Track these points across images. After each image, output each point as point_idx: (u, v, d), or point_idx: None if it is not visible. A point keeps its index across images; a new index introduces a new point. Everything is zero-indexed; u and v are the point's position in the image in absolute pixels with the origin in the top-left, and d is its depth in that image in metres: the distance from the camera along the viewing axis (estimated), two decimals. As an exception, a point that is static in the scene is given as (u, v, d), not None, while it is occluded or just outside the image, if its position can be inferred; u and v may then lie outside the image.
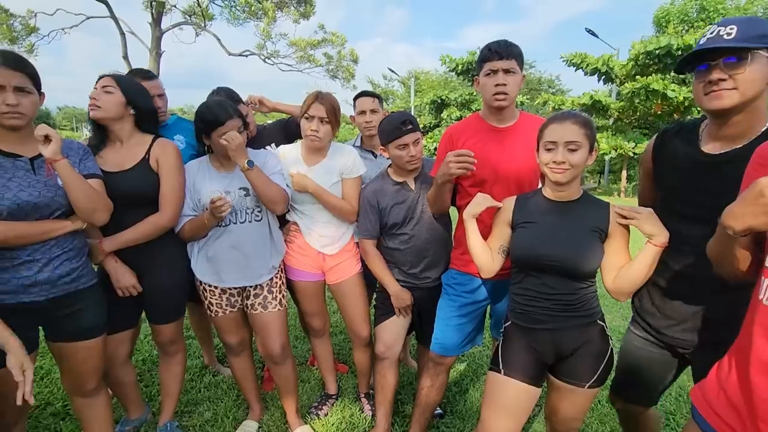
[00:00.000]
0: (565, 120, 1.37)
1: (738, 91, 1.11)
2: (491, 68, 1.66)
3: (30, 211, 1.41)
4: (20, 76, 1.38)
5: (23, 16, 16.19)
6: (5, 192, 1.36)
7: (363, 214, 1.99)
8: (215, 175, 1.87)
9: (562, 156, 1.35)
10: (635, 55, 13.29)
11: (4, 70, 1.35)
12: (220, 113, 1.75)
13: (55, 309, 1.50)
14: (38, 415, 2.19)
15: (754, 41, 1.07)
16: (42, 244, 1.44)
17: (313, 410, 2.29)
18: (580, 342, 1.42)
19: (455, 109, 17.76)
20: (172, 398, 2.08)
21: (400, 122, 1.82)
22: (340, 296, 2.17)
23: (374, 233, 1.99)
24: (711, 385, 0.97)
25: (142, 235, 1.73)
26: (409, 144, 1.83)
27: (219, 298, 1.94)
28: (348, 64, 20.36)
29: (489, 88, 1.68)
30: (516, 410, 1.46)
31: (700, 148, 1.27)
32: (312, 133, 1.93)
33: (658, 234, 1.28)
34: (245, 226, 1.87)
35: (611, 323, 3.52)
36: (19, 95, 1.38)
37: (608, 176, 18.27)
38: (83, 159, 1.58)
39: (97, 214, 1.54)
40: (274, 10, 17.88)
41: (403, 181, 1.95)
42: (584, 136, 1.35)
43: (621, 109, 14.26)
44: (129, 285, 1.75)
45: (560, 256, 1.37)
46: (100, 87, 1.71)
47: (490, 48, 1.67)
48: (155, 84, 2.17)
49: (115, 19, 16.41)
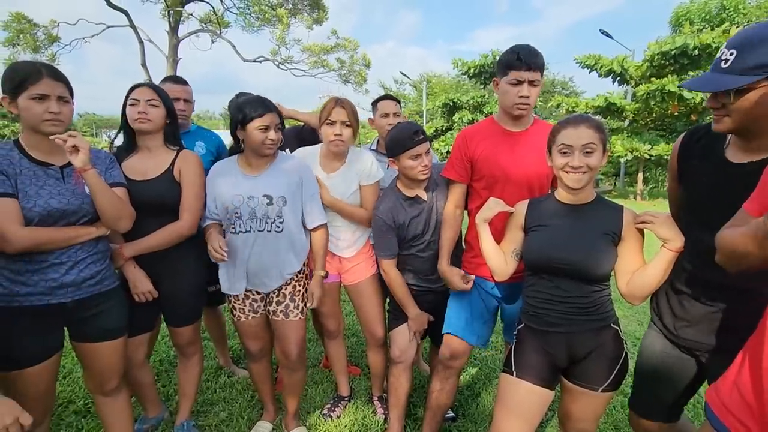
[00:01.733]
0: (580, 124, 1.38)
1: (730, 119, 1.13)
2: (517, 78, 1.64)
3: (59, 218, 1.47)
4: (62, 87, 1.46)
5: (46, 26, 16.73)
6: (37, 199, 1.43)
7: (379, 234, 1.96)
8: (241, 178, 1.84)
9: (579, 160, 1.35)
10: (650, 56, 13.07)
11: (50, 81, 1.43)
12: (259, 104, 1.77)
13: (80, 310, 1.55)
14: (61, 413, 2.26)
15: (748, 73, 1.05)
16: (68, 248, 1.50)
17: (326, 412, 2.31)
18: (594, 345, 1.42)
19: (467, 112, 17.69)
20: (189, 398, 2.13)
21: (412, 132, 1.81)
22: (355, 297, 2.19)
23: (394, 252, 1.98)
24: (725, 384, 0.98)
25: (162, 241, 1.78)
26: (422, 154, 1.83)
27: (242, 303, 1.94)
28: (360, 69, 20.52)
29: (511, 96, 1.67)
30: (528, 412, 1.46)
31: (725, 156, 1.25)
32: (336, 138, 1.95)
33: (673, 239, 1.28)
34: (264, 236, 1.82)
35: (626, 328, 3.47)
36: (61, 104, 1.46)
37: (623, 179, 17.97)
38: (109, 168, 1.64)
39: (121, 222, 1.60)
40: (288, 16, 18.14)
41: (414, 195, 1.94)
42: (599, 139, 1.36)
43: (636, 111, 14.02)
44: (146, 290, 1.80)
45: (573, 260, 1.37)
46: (145, 100, 1.76)
47: (518, 56, 1.62)
48: (185, 89, 2.31)
49: (134, 28, 16.84)
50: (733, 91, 1.08)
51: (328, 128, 1.96)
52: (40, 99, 1.41)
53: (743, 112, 1.10)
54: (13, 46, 16.46)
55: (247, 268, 1.86)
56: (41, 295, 1.46)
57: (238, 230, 1.82)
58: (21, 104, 1.41)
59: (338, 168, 2.06)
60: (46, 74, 1.43)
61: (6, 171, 1.41)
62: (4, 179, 1.39)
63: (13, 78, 1.41)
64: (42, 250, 1.44)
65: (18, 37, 16.37)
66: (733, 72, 1.08)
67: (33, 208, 1.41)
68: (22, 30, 16.31)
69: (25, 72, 1.41)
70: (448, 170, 1.89)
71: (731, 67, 1.08)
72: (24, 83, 1.40)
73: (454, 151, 1.87)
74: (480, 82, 17.54)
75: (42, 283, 1.46)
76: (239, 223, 1.80)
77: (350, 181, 2.05)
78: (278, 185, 1.83)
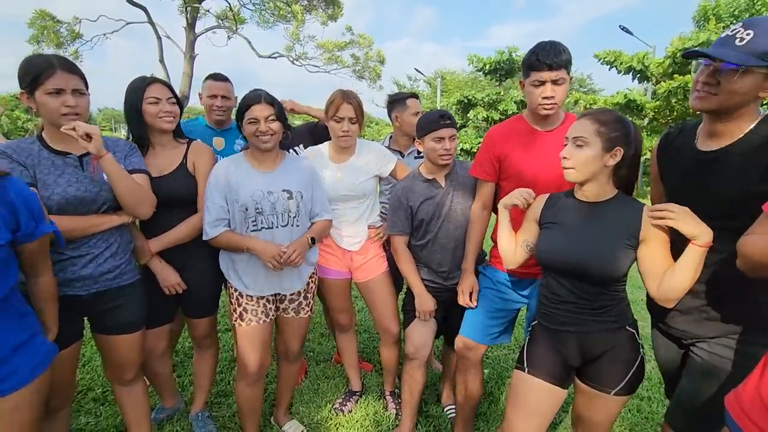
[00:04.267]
0: (584, 116, 1.35)
1: (717, 98, 1.18)
2: (539, 79, 1.61)
3: (77, 205, 1.48)
4: (77, 79, 1.47)
5: (68, 22, 17.11)
6: (55, 188, 1.45)
7: (393, 210, 2.01)
8: (255, 174, 1.79)
9: (567, 151, 1.34)
10: (672, 53, 12.72)
11: (64, 74, 1.43)
12: (251, 97, 1.74)
13: (97, 303, 1.58)
14: (80, 400, 2.32)
15: (759, 56, 1.09)
16: (88, 240, 1.51)
17: (337, 406, 2.33)
18: (607, 346, 1.39)
19: (482, 109, 17.50)
20: (204, 390, 2.17)
21: (438, 116, 1.87)
22: (368, 293, 2.20)
23: (405, 229, 2.00)
24: (746, 389, 0.97)
25: (185, 235, 1.80)
26: (446, 138, 1.85)
27: (256, 304, 1.82)
28: (375, 65, 20.48)
29: (535, 97, 1.65)
30: (539, 409, 1.44)
31: (696, 146, 1.33)
32: (344, 134, 1.98)
33: (701, 234, 1.16)
34: (287, 230, 1.78)
35: (644, 330, 3.39)
36: (77, 97, 1.47)
37: (642, 178, 17.59)
38: (128, 155, 1.65)
39: (142, 208, 1.60)
40: (303, 12, 18.20)
41: (433, 178, 1.97)
42: (595, 132, 1.30)
43: (657, 109, 13.69)
44: (175, 283, 1.83)
45: (582, 261, 1.34)
46: (166, 99, 1.75)
47: (538, 57, 1.59)
48: (225, 86, 2.36)
49: (153, 24, 17.10)
50: (742, 70, 1.11)
51: (336, 124, 1.99)
52: (56, 93, 1.42)
53: (734, 92, 1.15)
54: (37, 43, 16.89)
55: (266, 267, 1.75)
56: (60, 286, 1.48)
57: (261, 226, 1.75)
58: (38, 99, 1.42)
59: (348, 159, 2.09)
60: (60, 67, 1.43)
61: (25, 162, 1.43)
62: (22, 170, 1.42)
63: (28, 73, 1.42)
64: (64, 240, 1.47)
65: (42, 34, 16.80)
66: (747, 51, 1.11)
67: (51, 197, 1.43)
68: (45, 27, 16.73)
69: (39, 67, 1.41)
70: (476, 169, 1.87)
71: (746, 46, 1.11)
72: (39, 78, 1.40)
73: (482, 149, 1.86)
74: (495, 79, 17.31)
75: (60, 274, 1.48)
76: (261, 219, 1.75)
77: (359, 170, 2.08)
78: (294, 181, 1.83)
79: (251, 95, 1.76)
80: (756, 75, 1.12)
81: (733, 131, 1.23)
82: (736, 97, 1.16)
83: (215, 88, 2.34)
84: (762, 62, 1.09)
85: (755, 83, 1.13)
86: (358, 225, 2.13)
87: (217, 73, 2.42)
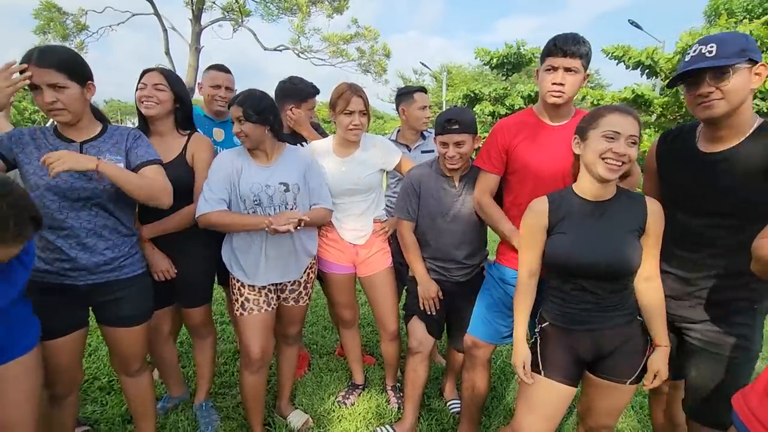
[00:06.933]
0: (628, 114, 1.34)
1: (725, 100, 1.26)
2: (552, 64, 1.60)
3: (67, 191, 1.46)
4: (51, 73, 1.36)
5: (74, 14, 17.12)
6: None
7: (403, 195, 1.99)
8: (255, 167, 1.83)
9: (624, 148, 1.30)
10: (682, 48, 12.53)
11: (36, 70, 1.35)
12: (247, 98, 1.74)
13: (95, 295, 1.58)
14: (87, 389, 2.35)
15: (733, 57, 1.23)
16: (86, 232, 1.51)
17: (340, 398, 2.34)
18: (621, 340, 1.40)
19: (488, 104, 17.37)
20: (206, 379, 2.19)
21: (445, 120, 1.78)
22: (370, 289, 2.20)
23: (413, 215, 1.98)
24: (755, 391, 0.97)
25: (179, 225, 1.82)
26: (449, 144, 1.79)
27: (258, 294, 1.86)
28: (380, 59, 20.36)
29: (546, 84, 1.63)
30: (554, 411, 1.45)
31: (698, 147, 1.40)
32: (354, 127, 1.96)
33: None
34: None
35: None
36: (56, 91, 1.38)
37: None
38: (132, 147, 1.59)
39: (159, 200, 1.58)
40: (308, 5, 18.09)
41: (450, 176, 1.93)
42: (638, 134, 1.32)
43: (665, 105, 13.51)
44: (164, 269, 1.85)
45: (601, 263, 1.33)
46: (152, 84, 1.77)
47: (555, 43, 1.59)
48: (227, 77, 2.36)
49: (159, 16, 17.08)
50: (733, 70, 1.22)
51: (346, 118, 1.95)
52: (35, 90, 1.38)
53: (735, 90, 1.24)
54: (44, 34, 16.93)
55: (267, 257, 1.83)
56: (56, 274, 1.50)
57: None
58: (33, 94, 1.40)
59: (352, 153, 2.08)
60: (34, 61, 1.34)
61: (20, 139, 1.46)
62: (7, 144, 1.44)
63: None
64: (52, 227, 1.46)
65: (48, 26, 16.83)
66: (722, 57, 1.23)
67: (42, 177, 1.42)
68: (52, 18, 16.75)
69: (23, 59, 1.37)
70: (482, 160, 1.83)
71: (717, 55, 1.24)
72: (23, 73, 1.36)
73: (489, 140, 1.82)
74: (502, 73, 17.16)
75: (57, 263, 1.49)
76: (259, 211, 1.80)
77: (365, 164, 2.07)
78: (291, 173, 1.84)
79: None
80: (743, 71, 1.24)
81: (735, 134, 1.31)
82: (739, 93, 1.25)
83: (219, 79, 2.33)
84: (741, 59, 1.23)
85: (745, 78, 1.25)
86: (364, 219, 2.12)
87: (220, 64, 2.41)
